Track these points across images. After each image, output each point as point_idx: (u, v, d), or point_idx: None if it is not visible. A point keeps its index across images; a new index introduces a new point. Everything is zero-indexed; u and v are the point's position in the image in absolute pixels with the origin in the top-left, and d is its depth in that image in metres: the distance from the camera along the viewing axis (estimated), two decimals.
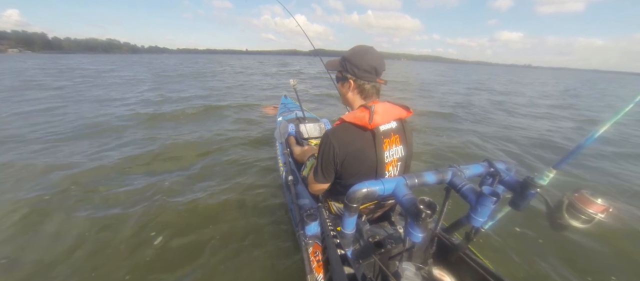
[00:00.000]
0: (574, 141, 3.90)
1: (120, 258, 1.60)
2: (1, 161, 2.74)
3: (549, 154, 3.66)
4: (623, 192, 2.61)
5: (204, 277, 1.49)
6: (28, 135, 3.58)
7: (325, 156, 0.94)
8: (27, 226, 1.84)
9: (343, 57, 0.97)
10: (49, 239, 1.73)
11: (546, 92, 13.44)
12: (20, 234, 1.77)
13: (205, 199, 2.20)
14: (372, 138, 0.91)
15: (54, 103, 5.70)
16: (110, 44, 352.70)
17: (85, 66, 15.62)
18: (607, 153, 3.73)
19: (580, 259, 1.71)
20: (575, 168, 3.04)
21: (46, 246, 1.67)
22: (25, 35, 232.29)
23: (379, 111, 0.89)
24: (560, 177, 0.77)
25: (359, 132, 0.91)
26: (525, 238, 1.86)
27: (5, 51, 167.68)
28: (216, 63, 29.87)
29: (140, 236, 1.77)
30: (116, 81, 10.26)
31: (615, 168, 3.25)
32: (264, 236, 1.80)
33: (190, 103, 5.99)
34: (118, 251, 1.65)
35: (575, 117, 6.78)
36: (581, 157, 3.22)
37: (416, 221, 0.67)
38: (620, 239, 1.87)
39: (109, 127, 4.06)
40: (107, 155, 3.00)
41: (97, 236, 1.77)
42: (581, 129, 5.40)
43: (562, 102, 9.51)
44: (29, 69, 14.48)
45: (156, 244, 1.71)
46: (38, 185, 2.32)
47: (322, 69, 1.01)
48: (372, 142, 0.91)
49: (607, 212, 0.66)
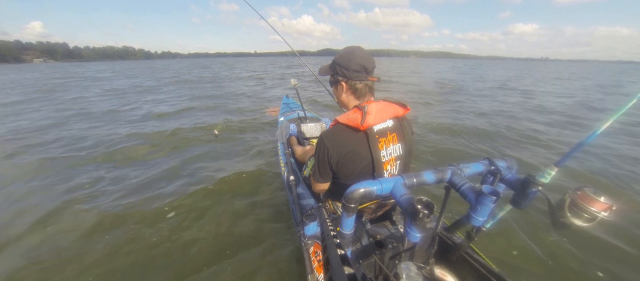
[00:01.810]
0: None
1: (120, 255, 1.65)
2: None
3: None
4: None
5: (204, 276, 1.51)
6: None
7: (320, 158, 0.96)
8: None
9: (332, 60, 0.99)
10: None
11: (588, 87, 11.82)
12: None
13: (206, 199, 2.24)
14: (366, 138, 0.92)
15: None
16: (126, 51, 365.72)
17: (115, 82, 12.46)
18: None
19: (581, 259, 1.67)
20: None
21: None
22: (49, 45, 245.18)
23: (372, 111, 0.89)
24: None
25: (352, 133, 0.92)
26: (528, 237, 1.82)
27: (31, 61, 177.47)
28: (232, 67, 28.97)
29: (139, 236, 1.81)
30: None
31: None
32: (265, 236, 1.81)
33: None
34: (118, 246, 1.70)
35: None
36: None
37: (414, 221, 0.67)
38: (625, 237, 1.82)
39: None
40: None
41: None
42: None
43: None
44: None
45: (155, 242, 1.75)
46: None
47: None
48: (366, 143, 0.92)
49: (610, 210, 0.64)
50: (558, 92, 10.07)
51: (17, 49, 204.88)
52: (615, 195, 2.36)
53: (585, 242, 1.77)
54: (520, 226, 1.90)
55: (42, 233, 1.86)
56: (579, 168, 2.89)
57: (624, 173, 2.85)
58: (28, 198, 2.31)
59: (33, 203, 2.23)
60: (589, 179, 2.69)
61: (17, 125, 4.73)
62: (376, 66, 0.99)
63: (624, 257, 1.69)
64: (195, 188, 2.41)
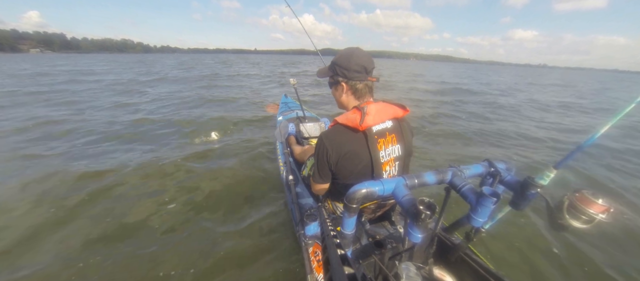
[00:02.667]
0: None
1: (120, 251, 1.63)
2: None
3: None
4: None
5: (204, 276, 1.51)
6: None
7: (320, 158, 0.96)
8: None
9: (332, 62, 0.99)
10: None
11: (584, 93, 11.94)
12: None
13: (205, 199, 2.23)
14: (365, 139, 0.92)
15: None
16: (124, 44, 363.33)
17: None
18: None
19: (581, 258, 1.70)
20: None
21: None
22: (46, 35, 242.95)
23: (371, 112, 0.90)
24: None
25: (351, 133, 0.93)
26: (526, 238, 1.85)
27: (27, 51, 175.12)
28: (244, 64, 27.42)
29: (139, 234, 1.80)
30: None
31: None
32: (264, 236, 1.81)
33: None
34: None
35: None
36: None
37: (416, 221, 0.67)
38: (623, 239, 1.85)
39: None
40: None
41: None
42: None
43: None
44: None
45: (154, 240, 1.74)
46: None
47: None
48: (366, 143, 0.92)
49: (608, 212, 0.65)
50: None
51: (14, 38, 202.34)
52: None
53: (584, 243, 1.79)
54: (519, 227, 1.92)
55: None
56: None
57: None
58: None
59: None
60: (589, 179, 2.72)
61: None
62: (375, 67, 1.00)
63: (624, 257, 1.72)
64: (193, 187, 2.39)
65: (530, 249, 1.75)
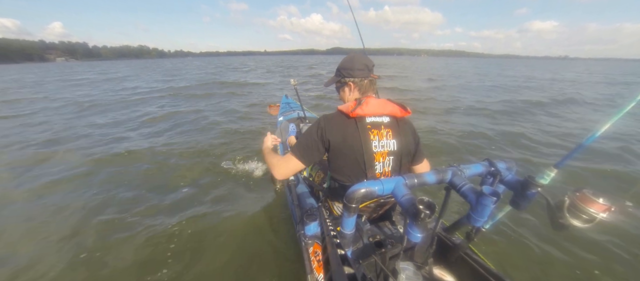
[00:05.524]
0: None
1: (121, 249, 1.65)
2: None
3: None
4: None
5: (204, 276, 1.52)
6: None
7: (311, 131, 1.02)
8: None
9: (337, 69, 1.13)
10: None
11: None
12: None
13: (204, 198, 2.25)
14: (355, 125, 0.98)
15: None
16: (141, 50, 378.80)
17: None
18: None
19: (582, 258, 1.67)
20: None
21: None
22: (70, 45, 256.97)
23: (367, 103, 0.97)
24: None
25: (345, 118, 1.00)
26: (526, 237, 1.83)
27: (54, 60, 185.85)
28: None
29: (137, 233, 1.82)
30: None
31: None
32: (264, 235, 1.82)
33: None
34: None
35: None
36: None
37: (415, 221, 0.67)
38: (624, 238, 1.81)
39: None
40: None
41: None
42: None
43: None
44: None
45: (153, 238, 1.77)
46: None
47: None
48: (357, 129, 0.97)
49: (609, 211, 0.64)
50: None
51: (42, 49, 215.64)
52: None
53: (584, 243, 1.77)
54: (519, 226, 1.90)
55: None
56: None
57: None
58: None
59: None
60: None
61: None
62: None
63: (624, 257, 1.68)
64: (192, 187, 2.42)
65: (531, 249, 1.73)
